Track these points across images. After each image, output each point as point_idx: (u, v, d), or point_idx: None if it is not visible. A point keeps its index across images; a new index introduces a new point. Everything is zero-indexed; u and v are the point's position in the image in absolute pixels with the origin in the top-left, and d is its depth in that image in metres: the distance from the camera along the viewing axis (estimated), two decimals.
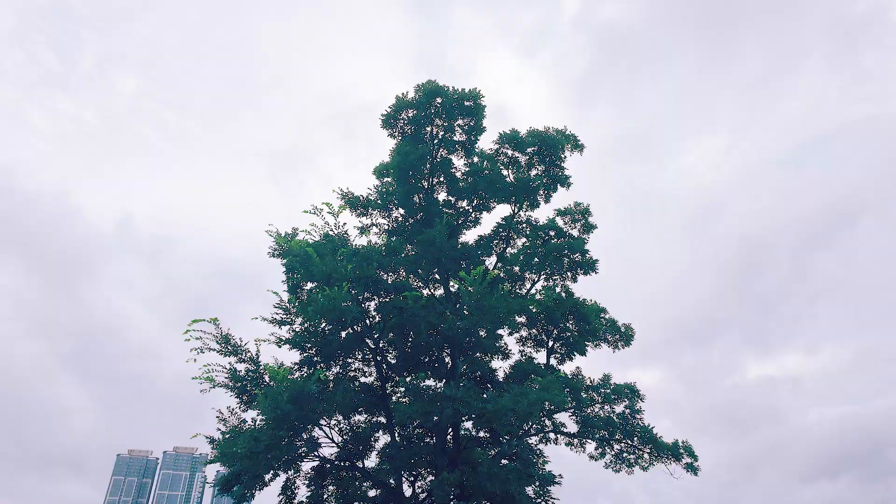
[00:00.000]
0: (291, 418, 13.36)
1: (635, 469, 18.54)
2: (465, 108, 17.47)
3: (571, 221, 18.75)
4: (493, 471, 13.85)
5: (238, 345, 15.29)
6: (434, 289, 19.55)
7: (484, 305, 14.53)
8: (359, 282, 15.65)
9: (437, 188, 18.89)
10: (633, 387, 18.47)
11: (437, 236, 16.30)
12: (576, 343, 18.84)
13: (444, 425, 16.45)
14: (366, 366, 18.27)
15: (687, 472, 17.42)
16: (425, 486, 17.88)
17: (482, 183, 17.92)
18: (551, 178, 18.10)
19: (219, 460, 14.39)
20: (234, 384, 15.27)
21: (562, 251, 18.11)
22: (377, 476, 16.73)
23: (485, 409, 13.68)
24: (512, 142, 17.74)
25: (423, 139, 17.91)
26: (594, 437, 18.08)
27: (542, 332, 19.35)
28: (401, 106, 17.63)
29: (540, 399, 13.24)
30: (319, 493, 16.78)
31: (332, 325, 15.68)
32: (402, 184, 18.04)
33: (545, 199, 18.51)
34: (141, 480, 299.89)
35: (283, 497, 16.52)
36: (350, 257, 15.57)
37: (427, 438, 18.14)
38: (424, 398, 14.80)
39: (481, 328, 16.17)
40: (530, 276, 19.45)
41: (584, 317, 18.15)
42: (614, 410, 18.34)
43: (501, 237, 19.35)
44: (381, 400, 17.29)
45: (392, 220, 19.01)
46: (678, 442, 17.48)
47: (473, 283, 14.40)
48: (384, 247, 17.53)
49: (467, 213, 19.36)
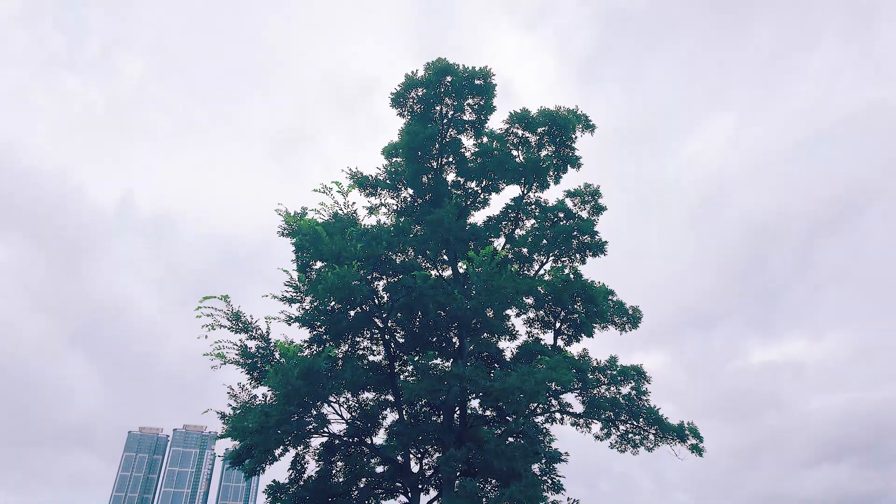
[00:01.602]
0: (301, 394, 13.52)
1: (640, 450, 18.72)
2: (475, 87, 17.28)
3: (581, 203, 18.62)
4: (500, 448, 14.02)
5: (248, 322, 15.44)
6: (442, 270, 19.58)
7: (492, 285, 14.54)
8: (368, 261, 15.70)
9: (446, 168, 18.78)
10: (639, 369, 18.54)
11: (446, 217, 16.27)
12: (583, 325, 18.85)
13: (452, 403, 16.60)
14: (374, 345, 18.43)
15: (692, 454, 17.55)
16: (432, 464, 18.15)
17: (491, 163, 17.78)
18: (561, 158, 17.94)
19: (230, 435, 14.63)
20: (245, 361, 15.46)
21: (570, 233, 18.03)
22: (385, 452, 16.98)
23: (492, 388, 13.78)
24: (522, 121, 17.55)
25: (432, 118, 17.76)
26: (600, 417, 18.22)
27: (550, 313, 19.38)
28: (410, 84, 17.45)
29: (547, 378, 13.32)
30: (328, 468, 17.08)
31: (342, 303, 15.78)
32: (411, 164, 17.95)
33: (555, 180, 18.37)
34: (152, 457, 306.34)
35: (293, 471, 16.84)
36: (359, 237, 15.60)
37: (434, 417, 18.37)
38: (432, 376, 14.91)
39: (489, 308, 16.23)
40: (538, 258, 19.41)
41: (591, 298, 18.13)
42: (620, 392, 18.45)
43: (510, 218, 19.28)
44: (389, 378, 17.46)
45: (401, 200, 18.97)
46: (683, 423, 17.58)
47: (482, 263, 14.39)
48: (393, 227, 17.53)
49: (476, 194, 19.27)
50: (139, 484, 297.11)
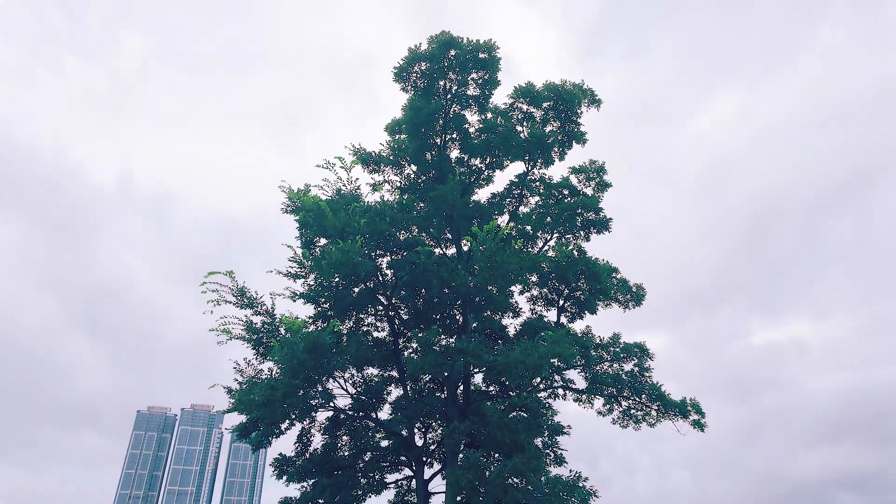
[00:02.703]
0: (307, 368, 13.65)
1: (641, 427, 18.88)
2: (480, 61, 17.03)
3: (586, 180, 18.48)
4: (503, 421, 14.17)
5: (253, 297, 15.51)
6: (446, 248, 19.58)
7: (496, 261, 14.51)
8: (372, 237, 15.70)
9: (449, 145, 18.64)
10: (642, 346, 18.60)
11: (450, 193, 16.19)
12: (586, 302, 18.86)
13: (455, 379, 16.75)
14: (378, 321, 18.53)
15: (694, 429, 17.68)
16: (436, 438, 18.40)
17: (496, 139, 17.62)
18: (566, 134, 17.75)
19: (236, 409, 14.79)
20: (251, 336, 15.57)
21: (575, 210, 17.93)
22: (390, 426, 17.20)
23: (495, 362, 13.87)
24: (527, 96, 17.33)
25: (435, 93, 17.56)
26: (602, 393, 18.34)
27: (553, 290, 19.39)
28: (413, 59, 17.21)
29: (550, 352, 13.37)
30: (334, 441, 17.35)
31: (346, 280, 15.82)
32: (415, 140, 17.80)
33: (559, 156, 18.20)
34: (160, 435, 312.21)
35: (299, 445, 17.11)
36: (363, 213, 15.58)
37: (438, 392, 18.56)
38: (436, 351, 15.01)
39: (493, 285, 16.25)
40: (542, 235, 19.36)
41: (595, 276, 18.11)
42: (623, 368, 18.53)
43: (514, 195, 19.17)
44: (394, 354, 17.61)
45: (404, 176, 18.88)
46: (686, 399, 17.68)
47: (485, 239, 14.35)
48: (396, 203, 17.49)
49: (480, 171, 19.15)
50: (148, 461, 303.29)
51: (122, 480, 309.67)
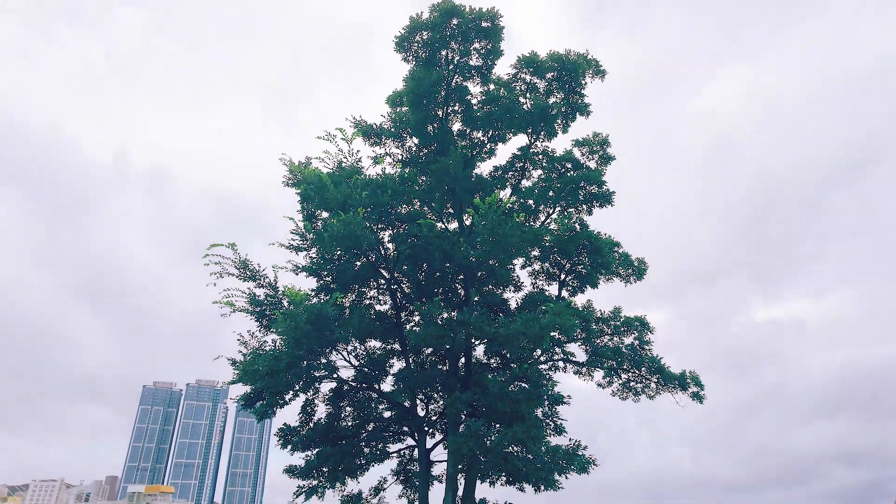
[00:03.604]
0: (310, 339, 13.74)
1: (641, 400, 19.09)
2: (482, 30, 16.69)
3: (589, 153, 18.27)
4: (504, 391, 14.32)
5: (256, 270, 15.53)
6: (448, 222, 19.52)
7: (498, 234, 14.46)
8: (374, 210, 15.64)
9: (451, 117, 18.40)
10: (643, 319, 18.67)
11: (452, 166, 16.06)
12: (588, 276, 18.86)
13: (457, 351, 16.88)
14: (381, 295, 18.59)
15: (693, 401, 17.88)
16: (437, 409, 18.66)
17: (498, 111, 17.38)
18: (570, 105, 17.50)
19: (241, 380, 14.95)
20: (254, 308, 15.64)
21: (578, 183, 17.78)
22: (392, 397, 17.41)
23: (497, 334, 13.96)
24: (531, 66, 17.02)
25: (437, 64, 17.26)
26: (602, 366, 18.49)
27: (555, 265, 19.39)
28: (415, 28, 16.87)
29: (551, 324, 13.44)
30: (337, 412, 17.60)
31: (347, 252, 15.82)
32: (416, 112, 17.57)
33: (563, 128, 17.97)
34: (166, 409, 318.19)
35: (303, 415, 17.36)
36: (364, 185, 15.47)
37: (440, 365, 18.74)
38: (438, 323, 15.10)
39: (494, 259, 16.24)
40: (545, 209, 19.24)
41: (597, 250, 18.07)
42: (623, 342, 18.65)
43: (517, 168, 19.01)
44: (396, 327, 17.71)
45: (406, 149, 18.70)
46: (685, 372, 17.82)
47: (487, 211, 14.28)
48: (398, 176, 17.36)
49: (482, 144, 18.95)
50: (155, 435, 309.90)
51: (130, 453, 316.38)
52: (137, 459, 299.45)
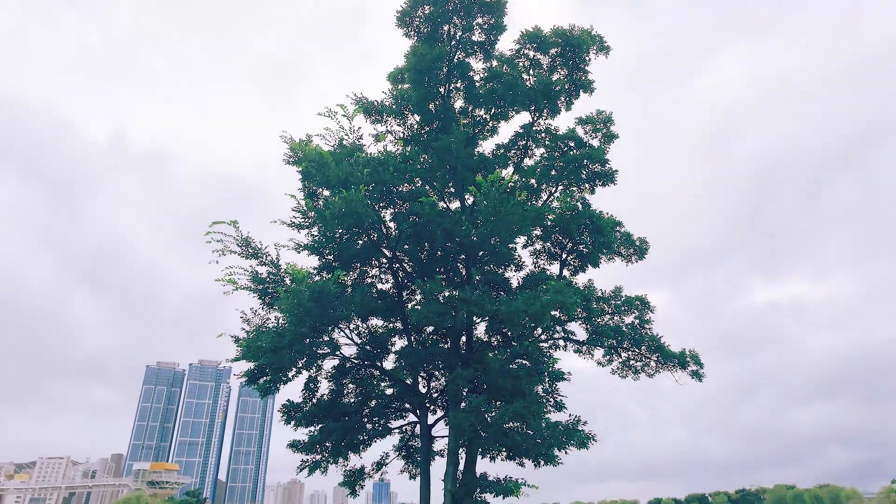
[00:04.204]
0: (313, 316, 13.80)
1: (640, 378, 19.25)
2: (485, 5, 16.40)
3: (592, 131, 18.11)
4: (505, 368, 14.44)
5: (258, 248, 15.52)
6: (449, 202, 19.45)
7: (500, 212, 14.40)
8: (375, 188, 15.57)
9: (453, 94, 18.20)
10: (643, 299, 18.74)
11: (454, 143, 15.92)
12: (589, 255, 18.87)
13: (458, 329, 16.98)
14: (382, 273, 18.62)
15: (692, 379, 18.03)
16: (439, 387, 18.85)
17: (501, 88, 17.17)
18: (574, 83, 17.29)
19: (245, 356, 15.06)
20: (256, 286, 15.69)
21: (580, 162, 17.67)
22: (395, 374, 17.57)
23: (498, 311, 14.01)
24: (535, 41, 16.77)
25: (440, 39, 17.00)
26: (603, 344, 18.61)
27: (557, 244, 19.39)
28: (417, 2, 16.57)
29: (553, 301, 13.48)
30: (340, 388, 17.78)
31: (349, 231, 15.80)
32: (418, 89, 17.36)
33: (566, 106, 17.79)
34: (170, 389, 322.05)
35: (306, 392, 17.55)
36: (366, 163, 15.38)
37: (441, 343, 18.86)
38: (440, 301, 15.15)
39: (496, 237, 16.24)
40: (547, 188, 19.17)
41: (599, 229, 18.05)
42: (624, 321, 18.74)
43: (519, 147, 18.87)
44: (398, 306, 17.77)
45: (407, 127, 18.53)
46: (685, 351, 17.94)
47: (490, 189, 14.21)
48: (399, 155, 17.24)
49: (484, 122, 18.77)
50: (159, 414, 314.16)
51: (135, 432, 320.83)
52: (142, 438, 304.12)
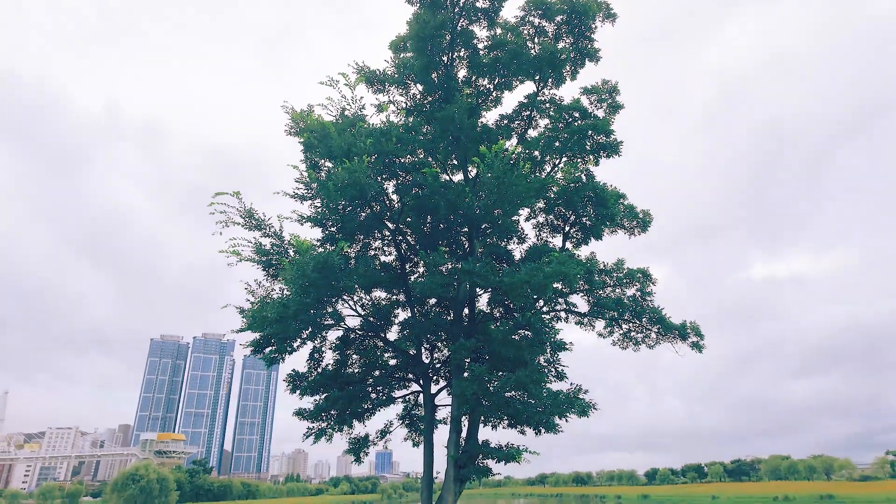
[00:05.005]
0: (317, 286, 13.90)
1: (641, 349, 19.46)
2: None
3: (598, 101, 17.85)
4: (508, 338, 14.59)
5: (261, 219, 15.52)
6: (452, 174, 19.33)
7: (503, 183, 14.34)
8: (378, 159, 15.47)
9: (456, 64, 17.89)
10: (645, 271, 18.81)
11: (457, 113, 15.73)
12: (592, 228, 18.83)
13: (461, 300, 17.11)
14: (385, 246, 18.66)
15: (692, 350, 18.24)
16: (441, 358, 19.10)
17: (505, 57, 16.86)
18: (579, 51, 16.97)
19: (250, 327, 15.21)
20: (260, 258, 15.74)
21: (585, 133, 17.46)
22: (398, 345, 17.78)
23: (501, 283, 14.09)
24: (540, 7, 16.39)
25: (443, 6, 16.62)
26: (604, 316, 18.76)
27: (560, 217, 19.35)
28: None
29: (556, 272, 13.53)
30: (344, 359, 18.04)
31: (352, 203, 15.76)
32: (421, 57, 17.06)
33: (571, 75, 17.50)
34: (175, 362, 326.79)
35: (311, 362, 17.79)
36: (369, 133, 15.23)
37: (444, 315, 19.03)
38: (443, 273, 15.22)
39: (499, 209, 16.20)
40: (551, 160, 19.03)
41: (603, 201, 17.99)
42: (625, 293, 18.85)
43: (523, 117, 18.64)
44: (401, 278, 17.86)
45: (410, 97, 18.29)
46: (686, 322, 18.10)
47: (493, 160, 14.11)
48: (402, 126, 17.06)
49: (488, 92, 18.51)
50: (164, 386, 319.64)
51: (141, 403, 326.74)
52: (148, 409, 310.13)
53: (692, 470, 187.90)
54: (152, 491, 77.88)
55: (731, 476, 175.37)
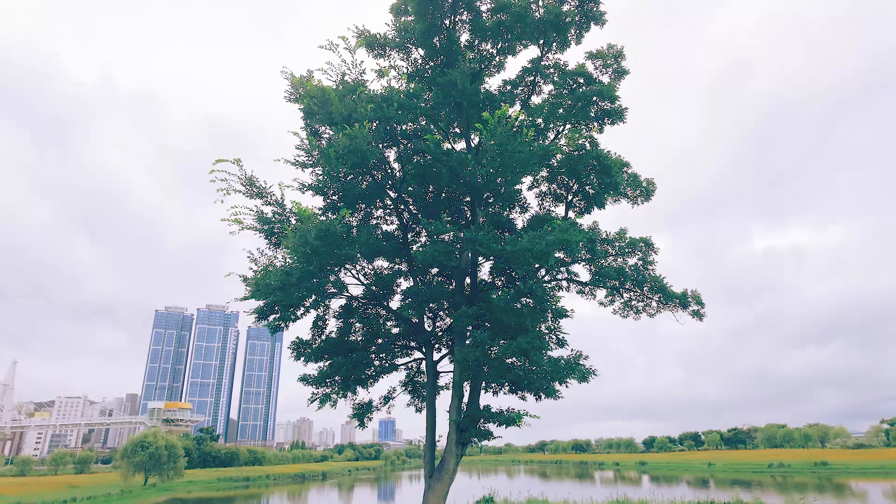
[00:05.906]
0: (320, 254, 13.91)
1: (641, 317, 19.58)
2: None
3: (603, 66, 17.48)
4: (509, 305, 14.67)
5: (263, 187, 15.42)
6: (455, 142, 19.10)
7: (506, 149, 14.17)
8: (379, 126, 15.27)
9: (459, 28, 17.46)
10: (647, 240, 18.75)
11: (460, 78, 15.44)
12: (595, 196, 18.71)
13: (463, 269, 17.14)
14: (388, 215, 18.60)
15: (693, 318, 18.34)
16: (443, 326, 19.27)
17: (509, 20, 16.44)
18: (584, 14, 16.53)
19: (254, 295, 15.30)
20: (262, 226, 15.72)
21: (590, 99, 17.17)
22: (400, 313, 17.91)
23: (503, 251, 14.07)
24: None
25: None
26: (605, 285, 18.81)
27: (562, 186, 19.21)
28: None
29: (558, 240, 13.50)
30: (347, 327, 18.21)
31: (353, 170, 15.63)
32: (422, 21, 16.65)
33: (576, 39, 17.08)
34: (180, 333, 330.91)
35: (315, 329, 17.98)
36: (370, 99, 14.99)
37: (446, 284, 19.11)
38: (445, 241, 15.20)
39: (502, 177, 16.06)
40: (554, 128, 18.77)
41: (606, 169, 17.81)
42: (627, 262, 18.85)
43: (527, 83, 18.30)
44: (403, 247, 17.87)
45: (411, 62, 17.93)
46: (687, 291, 18.15)
47: (496, 126, 13.91)
48: (403, 92, 16.77)
49: (491, 57, 18.12)
50: (170, 357, 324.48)
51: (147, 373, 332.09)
52: (155, 379, 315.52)
53: (689, 438, 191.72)
54: (161, 457, 79.88)
55: (728, 444, 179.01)
